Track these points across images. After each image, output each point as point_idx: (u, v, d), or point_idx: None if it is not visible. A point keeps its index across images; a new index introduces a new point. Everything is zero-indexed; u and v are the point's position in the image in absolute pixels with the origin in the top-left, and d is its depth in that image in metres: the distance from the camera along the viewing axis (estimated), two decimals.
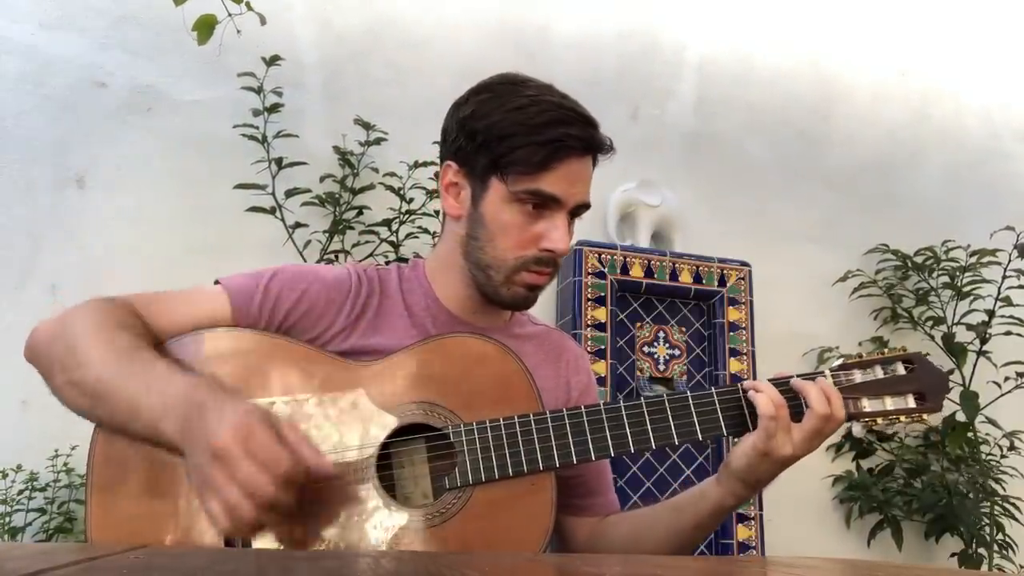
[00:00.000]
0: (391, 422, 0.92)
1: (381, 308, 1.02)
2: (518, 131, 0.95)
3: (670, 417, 0.95)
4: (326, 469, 0.75)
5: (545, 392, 0.98)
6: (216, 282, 1.00)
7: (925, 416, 0.96)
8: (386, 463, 0.93)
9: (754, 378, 2.35)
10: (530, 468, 0.91)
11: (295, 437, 0.75)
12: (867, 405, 0.95)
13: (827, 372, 0.97)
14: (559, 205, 0.98)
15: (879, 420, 0.95)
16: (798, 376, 0.96)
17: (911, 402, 0.96)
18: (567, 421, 0.93)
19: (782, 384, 0.95)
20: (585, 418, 0.94)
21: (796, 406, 0.93)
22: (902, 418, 0.96)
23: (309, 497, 0.77)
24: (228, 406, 0.76)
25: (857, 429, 0.96)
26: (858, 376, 0.97)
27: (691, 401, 0.95)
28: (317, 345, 0.97)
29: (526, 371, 0.96)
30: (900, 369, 0.97)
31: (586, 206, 1.02)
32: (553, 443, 0.92)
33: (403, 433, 0.93)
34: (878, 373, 0.97)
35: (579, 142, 0.97)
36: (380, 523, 0.88)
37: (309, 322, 0.98)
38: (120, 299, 0.93)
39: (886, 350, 1.00)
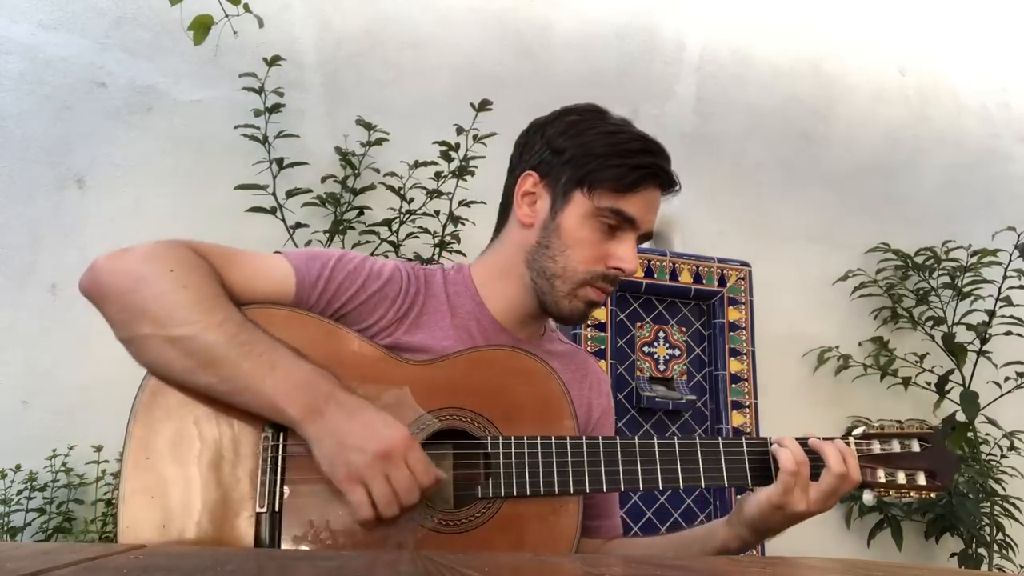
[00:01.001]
0: (432, 424, 0.93)
1: (426, 306, 1.04)
2: (610, 152, 1.00)
3: (700, 460, 0.98)
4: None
5: None
6: (276, 252, 1.01)
7: (933, 494, 1.05)
8: None
9: (754, 379, 2.36)
10: (561, 490, 0.93)
11: (429, 464, 0.87)
12: (882, 476, 1.02)
13: (851, 439, 1.03)
14: (633, 227, 1.02)
15: (891, 492, 1.03)
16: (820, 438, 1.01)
17: (922, 479, 1.03)
18: (601, 449, 0.96)
19: (802, 443, 0.99)
20: (619, 449, 0.96)
21: (815, 467, 0.98)
22: (912, 492, 1.03)
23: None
24: (372, 412, 0.86)
25: (868, 498, 1.03)
26: (877, 447, 1.03)
27: (722, 448, 0.99)
28: (366, 337, 0.98)
29: (567, 393, 0.99)
30: (915, 446, 1.04)
31: (650, 235, 1.06)
32: (586, 469, 0.95)
33: (440, 437, 0.94)
34: (895, 447, 1.04)
35: (663, 173, 1.02)
36: (407, 524, 0.88)
37: (362, 314, 1.00)
38: (202, 250, 0.96)
39: (905, 425, 1.06)
